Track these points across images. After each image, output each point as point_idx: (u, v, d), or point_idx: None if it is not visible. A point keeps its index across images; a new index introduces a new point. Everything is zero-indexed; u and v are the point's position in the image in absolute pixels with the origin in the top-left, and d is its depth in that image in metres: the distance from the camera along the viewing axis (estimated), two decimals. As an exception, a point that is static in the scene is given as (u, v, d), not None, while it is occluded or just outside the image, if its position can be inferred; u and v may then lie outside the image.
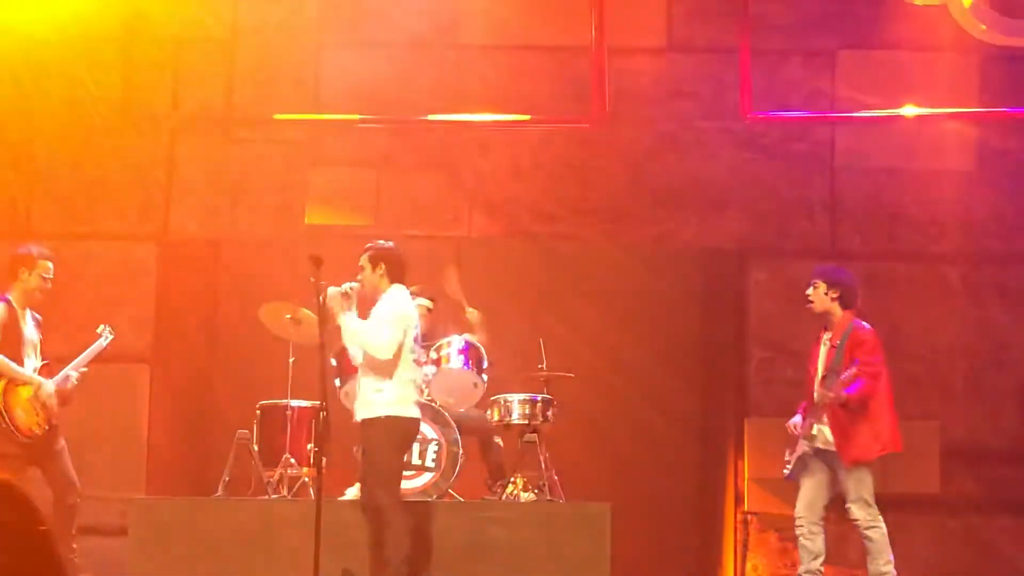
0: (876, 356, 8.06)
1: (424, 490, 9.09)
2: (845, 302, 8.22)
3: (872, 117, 10.09)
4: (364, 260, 8.03)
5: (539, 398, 9.33)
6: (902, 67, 10.42)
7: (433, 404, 9.25)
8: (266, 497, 9.03)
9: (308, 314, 8.96)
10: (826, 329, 8.25)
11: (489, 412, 9.44)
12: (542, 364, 9.55)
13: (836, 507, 9.81)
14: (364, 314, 8.01)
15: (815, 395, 8.00)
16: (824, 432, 8.04)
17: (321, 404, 7.45)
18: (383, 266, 7.91)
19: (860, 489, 8.02)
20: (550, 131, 10.50)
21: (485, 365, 9.45)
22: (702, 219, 10.55)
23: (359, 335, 7.81)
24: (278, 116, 10.47)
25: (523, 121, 10.36)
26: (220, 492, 9.13)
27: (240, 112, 10.56)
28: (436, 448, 9.14)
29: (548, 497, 9.08)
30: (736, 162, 10.54)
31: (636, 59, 10.54)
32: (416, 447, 9.12)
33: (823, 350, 8.17)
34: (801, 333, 10.28)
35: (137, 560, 8.74)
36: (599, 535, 8.59)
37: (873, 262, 10.46)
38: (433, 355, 9.39)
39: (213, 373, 11.71)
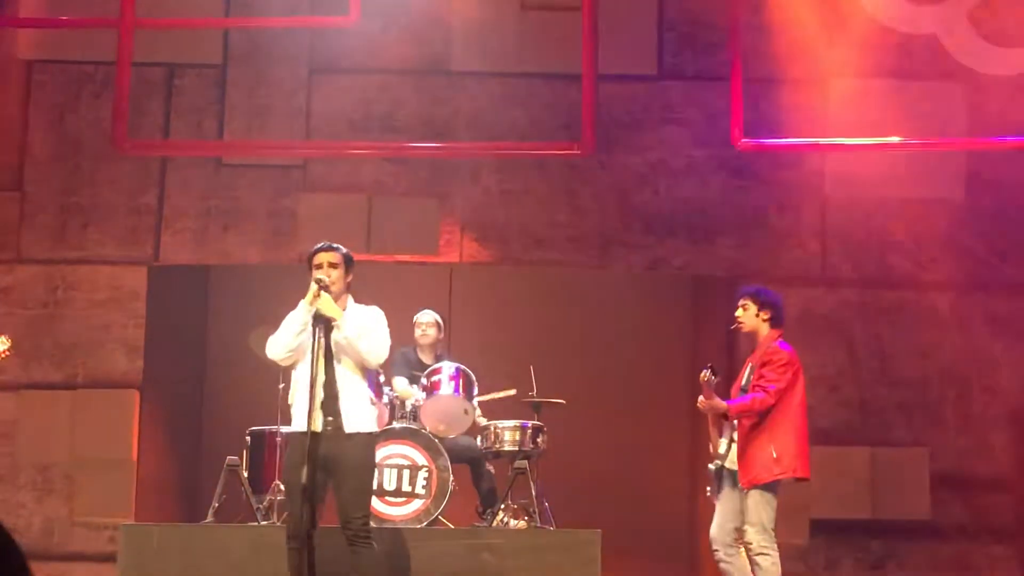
0: (779, 375, 7.80)
1: (414, 517, 9.07)
2: (775, 323, 8.07)
3: (862, 145, 10.11)
4: (338, 259, 7.36)
5: (529, 425, 9.32)
6: (892, 95, 10.46)
7: (423, 431, 9.23)
8: (256, 523, 9.00)
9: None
10: (754, 350, 8.11)
11: (480, 439, 9.43)
12: (532, 391, 9.55)
13: (822, 534, 9.84)
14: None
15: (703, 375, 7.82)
16: (734, 452, 7.90)
17: (310, 432, 7.27)
18: (351, 275, 7.57)
19: (759, 512, 7.76)
20: (541, 158, 10.52)
21: (475, 392, 9.45)
22: (693, 246, 10.57)
23: (361, 338, 7.26)
24: (269, 142, 10.50)
25: (514, 148, 10.37)
26: (210, 518, 9.09)
27: (231, 138, 10.58)
28: (426, 475, 9.12)
29: (539, 524, 9.06)
30: (727, 189, 10.58)
31: (627, 86, 10.58)
32: (406, 474, 9.11)
33: (747, 370, 8.04)
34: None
35: (126, 587, 8.69)
36: (589, 562, 8.55)
37: (863, 289, 10.50)
38: (424, 381, 9.38)
39: (203, 399, 11.70)
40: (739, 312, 8.06)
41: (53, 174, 10.57)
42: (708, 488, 8.07)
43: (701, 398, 7.87)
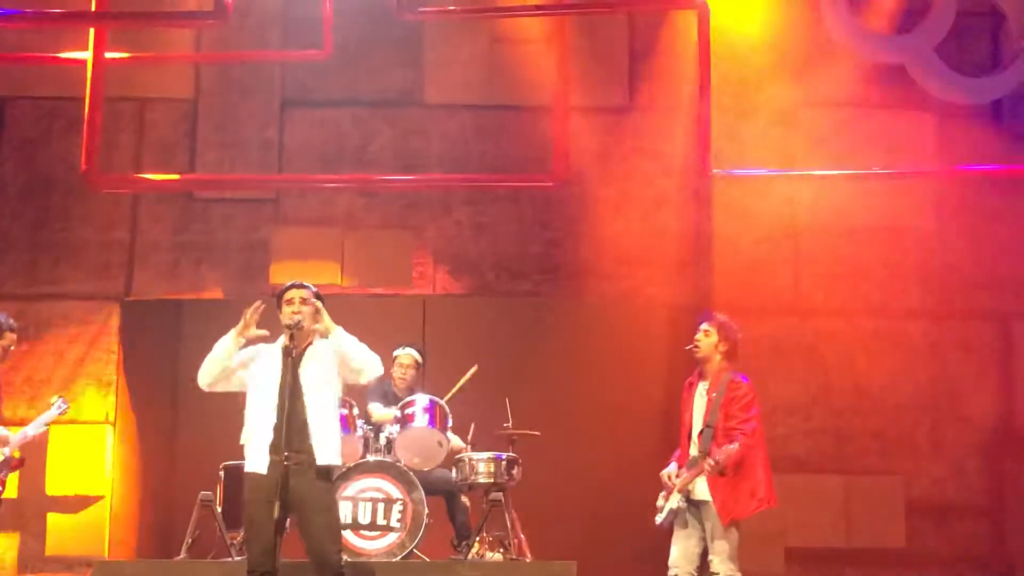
0: (750, 411, 7.83)
1: (389, 551, 9.03)
2: (729, 356, 8.07)
3: (832, 174, 10.17)
4: (310, 296, 7.32)
5: (504, 456, 9.31)
6: (861, 125, 10.53)
7: (398, 463, 9.21)
8: (230, 559, 8.95)
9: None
10: (701, 376, 8.08)
11: (454, 471, 9.41)
12: (507, 422, 9.54)
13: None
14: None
15: (705, 465, 7.78)
16: (698, 483, 7.87)
17: (284, 466, 7.22)
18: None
19: (727, 542, 7.78)
20: (514, 189, 10.55)
21: (450, 424, 9.43)
22: (665, 276, 10.60)
23: (359, 346, 7.25)
24: (241, 176, 10.50)
25: (486, 179, 10.40)
26: (183, 554, 9.04)
27: (203, 172, 10.57)
28: (401, 508, 9.09)
29: (514, 556, 9.05)
30: (699, 219, 10.62)
31: (598, 117, 10.62)
32: (381, 507, 9.08)
33: (699, 401, 7.99)
34: (764, 388, 10.32)
35: (99, 623, 8.64)
36: (565, 593, 8.55)
37: (835, 318, 10.54)
38: (397, 414, 9.36)
39: (176, 434, 11.65)
40: (700, 336, 8.05)
41: (24, 210, 10.55)
42: (663, 517, 7.97)
43: (710, 462, 7.77)
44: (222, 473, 9.23)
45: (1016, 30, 10.46)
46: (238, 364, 7.37)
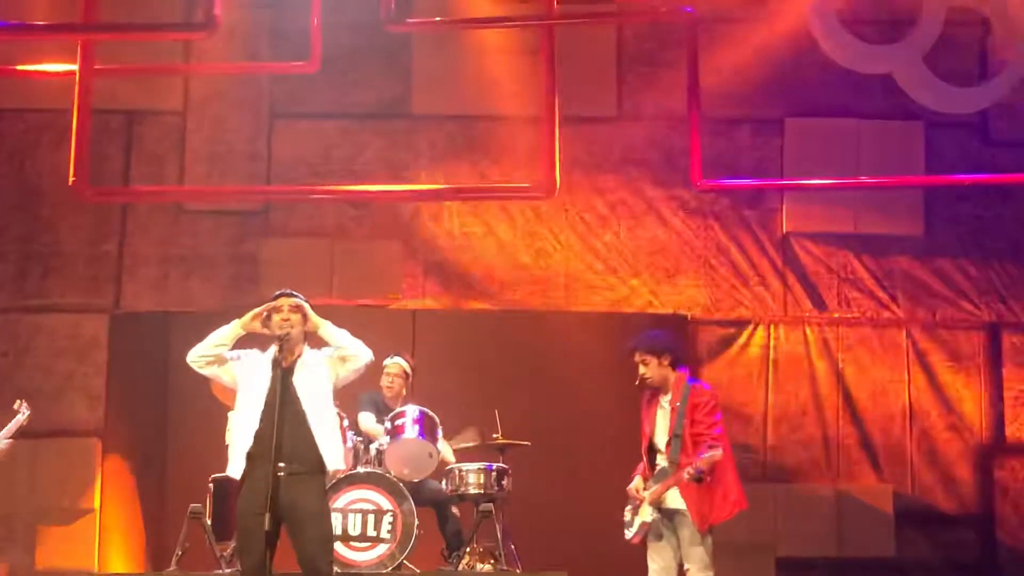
0: (715, 416, 7.79)
1: (379, 562, 9.02)
2: (676, 363, 8.01)
3: (820, 184, 10.19)
4: (302, 303, 7.37)
5: (494, 467, 9.31)
6: (849, 134, 10.55)
7: (388, 475, 9.20)
8: (219, 571, 8.94)
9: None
10: (662, 392, 8.01)
11: (444, 482, 9.40)
12: (497, 433, 9.54)
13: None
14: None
15: (684, 474, 7.70)
16: (669, 493, 7.81)
17: (276, 477, 7.21)
18: (309, 323, 7.51)
19: (704, 550, 7.74)
20: (502, 200, 10.55)
21: (440, 435, 9.43)
22: (654, 285, 10.61)
23: (349, 336, 7.29)
24: (230, 187, 10.49)
25: (475, 190, 10.39)
26: (173, 566, 9.03)
27: (192, 184, 10.56)
28: (391, 519, 9.08)
29: (504, 567, 9.04)
30: (687, 228, 10.64)
31: (587, 127, 10.63)
32: (371, 518, 9.07)
33: (662, 413, 7.92)
34: (754, 397, 10.37)
35: (89, 637, 8.63)
36: (556, 604, 8.55)
37: (824, 327, 10.56)
38: (388, 425, 9.35)
39: (166, 447, 11.62)
40: (642, 370, 7.92)
41: (13, 222, 10.55)
42: (634, 531, 7.91)
43: (691, 472, 7.69)
44: (211, 485, 9.21)
45: (1003, 40, 10.48)
46: (234, 357, 7.36)
